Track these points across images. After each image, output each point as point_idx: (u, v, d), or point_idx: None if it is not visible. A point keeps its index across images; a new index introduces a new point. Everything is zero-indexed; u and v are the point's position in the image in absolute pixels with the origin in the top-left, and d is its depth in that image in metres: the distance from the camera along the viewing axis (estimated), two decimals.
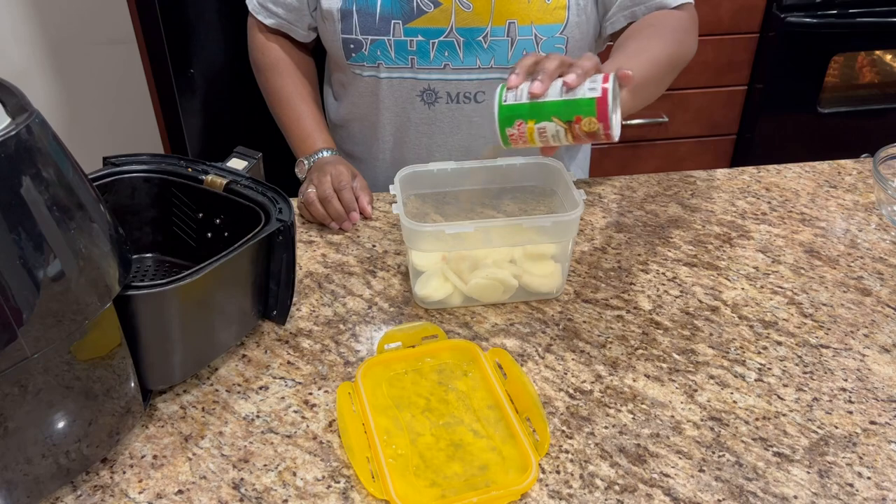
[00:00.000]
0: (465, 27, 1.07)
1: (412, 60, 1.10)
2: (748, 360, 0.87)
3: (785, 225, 1.08)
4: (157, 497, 0.72)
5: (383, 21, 1.08)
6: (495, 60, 1.09)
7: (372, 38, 1.09)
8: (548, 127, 0.80)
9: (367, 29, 1.09)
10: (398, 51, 1.09)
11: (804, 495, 0.72)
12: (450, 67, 1.10)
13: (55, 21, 2.08)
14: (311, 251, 1.03)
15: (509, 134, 0.82)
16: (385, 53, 1.10)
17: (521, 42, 1.08)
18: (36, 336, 0.62)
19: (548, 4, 1.06)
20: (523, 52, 1.08)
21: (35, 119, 0.61)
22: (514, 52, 1.08)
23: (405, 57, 1.10)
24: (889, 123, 2.15)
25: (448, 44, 1.08)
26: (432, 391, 0.82)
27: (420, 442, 0.77)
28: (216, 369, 0.85)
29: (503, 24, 1.07)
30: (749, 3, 1.95)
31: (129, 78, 2.10)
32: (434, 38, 1.08)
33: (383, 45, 1.10)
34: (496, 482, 0.72)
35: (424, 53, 1.09)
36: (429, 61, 1.10)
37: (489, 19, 1.06)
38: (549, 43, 1.08)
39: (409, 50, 1.09)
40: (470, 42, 1.08)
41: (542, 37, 1.08)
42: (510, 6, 1.06)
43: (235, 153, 0.93)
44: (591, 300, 0.95)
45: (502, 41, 1.08)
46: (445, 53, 1.09)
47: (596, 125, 0.78)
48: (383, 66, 1.12)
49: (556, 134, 0.80)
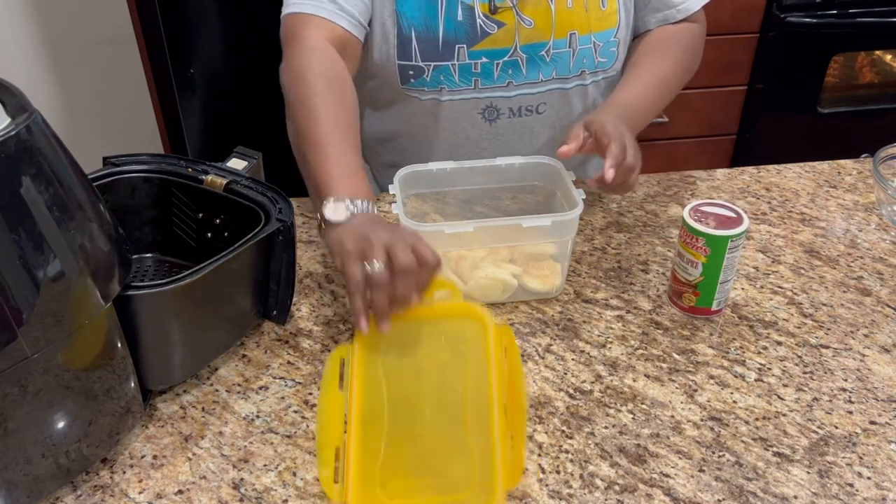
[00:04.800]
0: (529, 44, 1.06)
1: (476, 81, 1.08)
2: (748, 360, 0.87)
3: (785, 225, 1.08)
4: (157, 497, 0.72)
5: (447, 46, 1.04)
6: (557, 72, 1.09)
7: (435, 64, 1.05)
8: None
9: (430, 55, 1.05)
10: (462, 74, 1.07)
11: (804, 495, 0.72)
12: (513, 84, 1.09)
13: (55, 21, 2.08)
14: (311, 251, 1.03)
15: None
16: (448, 78, 1.07)
17: (582, 51, 1.07)
18: (36, 336, 0.62)
19: (603, 11, 1.06)
20: (583, 61, 1.08)
21: (35, 119, 0.61)
22: (576, 62, 1.08)
23: (469, 79, 1.07)
24: (889, 123, 2.15)
25: (512, 62, 1.07)
26: (428, 377, 0.76)
27: (398, 441, 0.72)
28: (216, 369, 0.85)
29: (565, 35, 1.06)
30: (749, 3, 1.95)
31: (129, 78, 2.10)
32: (499, 59, 1.06)
33: (447, 71, 1.06)
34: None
35: (489, 74, 1.07)
36: (492, 81, 1.08)
37: (551, 33, 1.05)
38: (606, 48, 1.09)
39: (473, 72, 1.07)
40: (533, 58, 1.07)
41: (599, 43, 1.08)
42: (570, 17, 1.05)
43: (235, 153, 0.93)
44: (591, 300, 0.95)
45: (564, 52, 1.07)
46: (509, 72, 1.07)
47: None
48: (446, 89, 1.08)
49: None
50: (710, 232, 0.85)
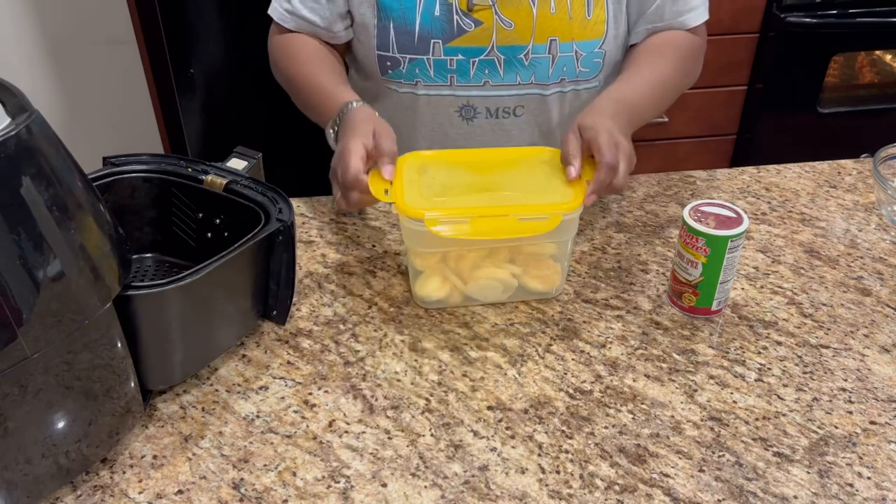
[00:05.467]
0: (507, 45, 1.06)
1: (451, 78, 1.08)
2: (748, 360, 0.87)
3: (785, 225, 1.08)
4: (157, 497, 0.72)
5: (422, 40, 1.06)
6: (535, 77, 1.08)
7: (411, 57, 1.07)
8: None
9: (406, 47, 1.07)
10: (437, 69, 1.08)
11: (804, 495, 0.72)
12: (489, 84, 1.09)
13: (55, 21, 2.08)
14: (311, 251, 1.03)
15: None
16: (424, 72, 1.08)
17: (562, 58, 1.07)
18: (36, 336, 0.62)
19: (588, 20, 1.06)
20: (563, 68, 1.08)
21: (35, 119, 0.61)
22: (555, 69, 1.08)
23: (444, 75, 1.08)
24: (889, 123, 2.15)
25: (489, 62, 1.07)
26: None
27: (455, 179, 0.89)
28: (216, 369, 0.85)
29: (545, 41, 1.06)
30: (749, 3, 1.95)
31: (129, 78, 2.10)
32: (475, 57, 1.07)
33: (422, 64, 1.08)
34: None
35: (464, 72, 1.08)
36: (468, 79, 1.08)
37: (531, 37, 1.05)
38: (589, 58, 1.08)
39: (448, 69, 1.08)
40: (511, 59, 1.07)
41: (581, 52, 1.07)
42: (552, 23, 1.05)
43: (235, 153, 0.93)
44: (591, 300, 0.95)
45: (543, 58, 1.07)
46: (486, 71, 1.08)
47: None
48: (421, 83, 1.09)
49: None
50: (710, 232, 0.85)
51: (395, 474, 0.73)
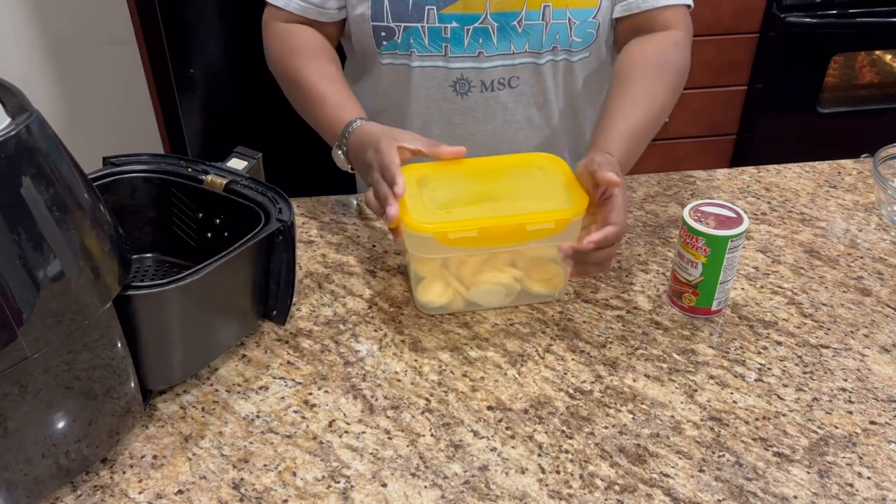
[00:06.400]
0: (500, 11, 1.06)
1: (446, 48, 1.08)
2: (748, 360, 0.87)
3: (785, 225, 1.08)
4: (157, 497, 0.72)
5: (416, 7, 1.06)
6: (529, 45, 1.08)
7: (405, 25, 1.07)
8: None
9: (400, 15, 1.06)
10: (432, 38, 1.07)
11: (804, 495, 0.72)
12: (483, 55, 1.09)
13: (56, 21, 2.08)
14: (311, 251, 1.03)
15: None
16: (418, 41, 1.08)
17: (555, 25, 1.07)
18: (36, 336, 0.62)
19: None
20: (556, 36, 1.08)
21: (35, 119, 0.61)
22: (548, 36, 1.08)
23: (439, 44, 1.08)
24: (889, 123, 2.15)
25: (483, 30, 1.07)
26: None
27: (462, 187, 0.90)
28: (216, 369, 0.85)
29: (538, 7, 1.06)
30: (749, 3, 1.96)
31: (129, 78, 2.10)
32: (469, 25, 1.07)
33: (416, 33, 1.07)
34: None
35: (458, 40, 1.07)
36: (462, 49, 1.08)
37: (524, 2, 1.05)
38: (582, 27, 1.08)
39: (443, 37, 1.07)
40: (504, 27, 1.07)
41: (575, 20, 1.07)
42: None
43: (235, 153, 0.93)
44: (591, 300, 0.95)
45: (537, 25, 1.07)
46: (479, 40, 1.07)
47: None
48: (416, 54, 1.09)
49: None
50: (710, 232, 0.85)
51: (395, 474, 0.73)
